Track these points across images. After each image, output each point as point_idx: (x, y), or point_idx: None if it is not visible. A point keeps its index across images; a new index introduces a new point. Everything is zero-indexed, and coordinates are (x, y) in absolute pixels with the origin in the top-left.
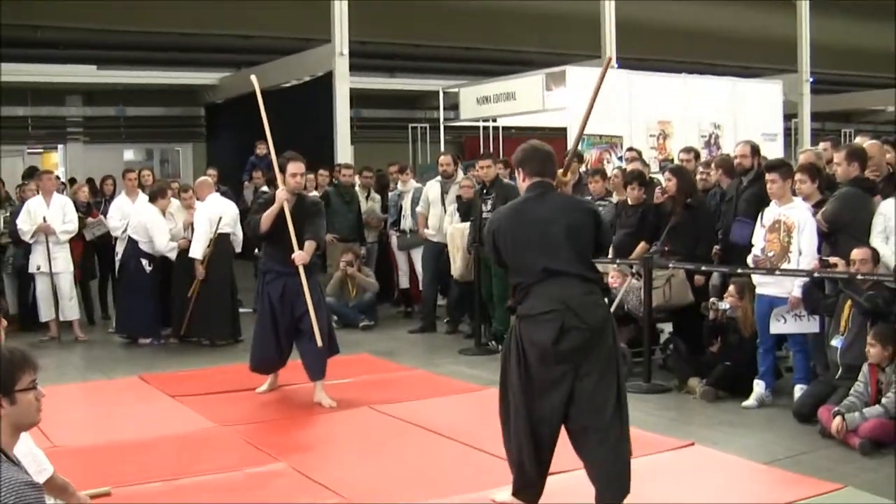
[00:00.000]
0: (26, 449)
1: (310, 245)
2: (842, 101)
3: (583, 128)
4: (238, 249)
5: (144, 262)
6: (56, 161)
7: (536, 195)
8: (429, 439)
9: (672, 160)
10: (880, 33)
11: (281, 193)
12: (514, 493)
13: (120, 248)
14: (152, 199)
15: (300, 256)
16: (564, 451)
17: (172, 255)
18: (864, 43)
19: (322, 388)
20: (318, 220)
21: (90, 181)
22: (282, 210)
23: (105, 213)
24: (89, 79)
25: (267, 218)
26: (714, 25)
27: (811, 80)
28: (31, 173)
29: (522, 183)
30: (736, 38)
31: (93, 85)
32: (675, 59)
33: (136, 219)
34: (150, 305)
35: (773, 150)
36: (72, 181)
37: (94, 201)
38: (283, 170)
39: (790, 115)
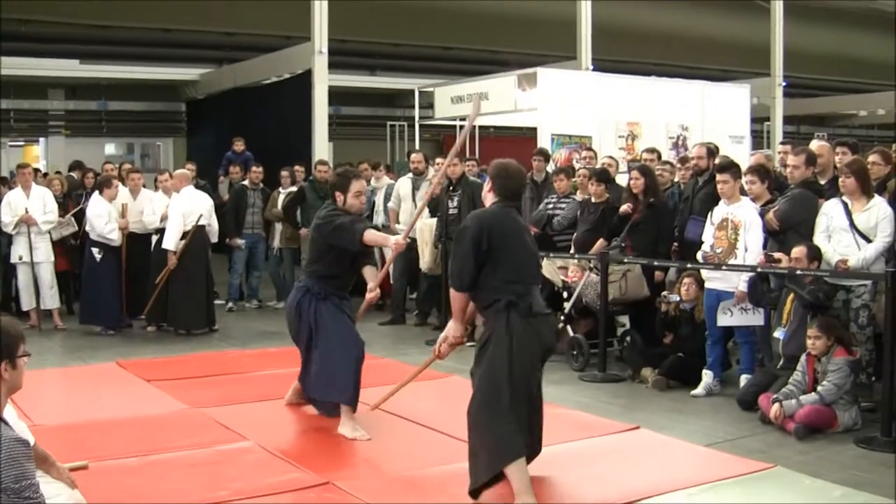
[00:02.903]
0: (12, 418)
1: (370, 271)
2: (816, 105)
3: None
4: (214, 240)
5: (94, 250)
6: (37, 154)
7: (513, 212)
8: (394, 422)
9: (639, 161)
10: (854, 39)
11: (399, 242)
12: (514, 458)
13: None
14: (99, 190)
15: (400, 244)
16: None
17: (113, 240)
18: (838, 48)
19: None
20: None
21: (79, 167)
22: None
23: (85, 206)
24: (72, 73)
25: (374, 241)
26: (689, 29)
27: (784, 83)
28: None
29: (489, 194)
30: (711, 42)
31: (75, 79)
32: (649, 61)
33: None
34: (104, 294)
35: (740, 153)
36: (58, 174)
37: (76, 193)
38: (341, 188)
39: (763, 119)
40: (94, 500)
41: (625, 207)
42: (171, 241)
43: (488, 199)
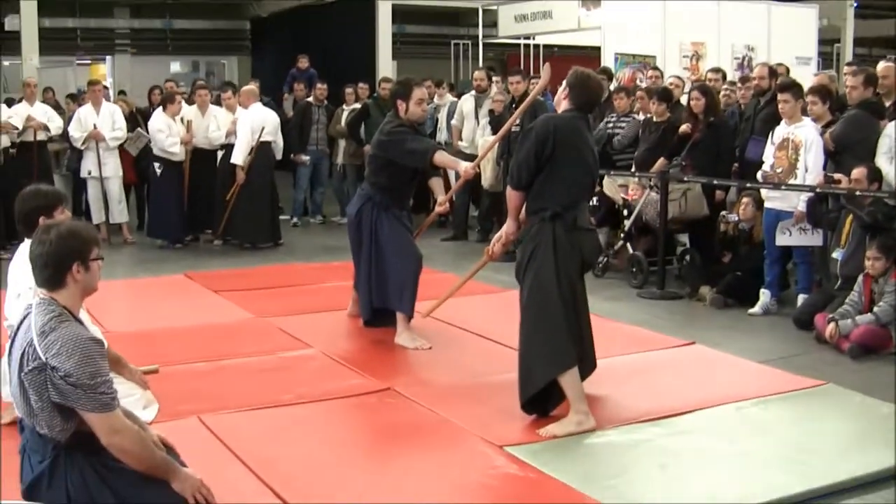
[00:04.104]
0: (86, 322)
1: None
2: (889, 27)
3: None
4: (279, 157)
5: (156, 164)
6: (104, 72)
7: (583, 123)
8: (452, 332)
9: (704, 81)
10: None
11: (469, 170)
12: (568, 367)
13: None
14: (163, 106)
15: (469, 172)
16: None
17: (175, 153)
18: None
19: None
20: None
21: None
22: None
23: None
24: None
25: (444, 163)
26: None
27: (855, 4)
28: None
29: (564, 101)
30: None
31: None
32: None
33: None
34: (166, 209)
35: (806, 74)
36: (121, 92)
37: (144, 108)
38: (403, 96)
39: (833, 41)
40: (165, 401)
41: (684, 127)
42: (240, 157)
43: (562, 105)
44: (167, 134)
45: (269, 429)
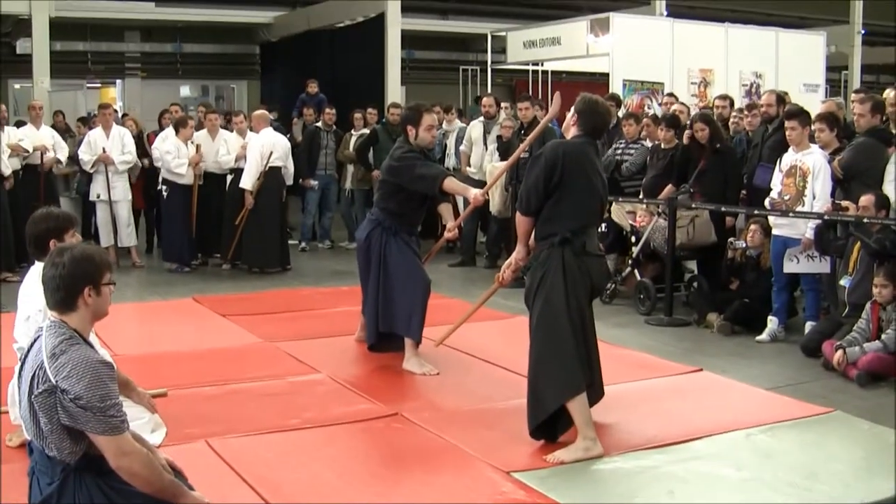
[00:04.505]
0: (95, 345)
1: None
2: None
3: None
4: (289, 182)
5: (163, 188)
6: (114, 95)
7: (592, 148)
8: (460, 358)
9: (712, 108)
10: None
11: (479, 197)
12: (577, 393)
13: None
14: (175, 129)
15: (479, 200)
16: None
17: (182, 177)
18: None
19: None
20: None
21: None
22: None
23: None
24: (148, 15)
25: (453, 189)
26: None
27: (863, 31)
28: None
29: (572, 127)
30: None
31: (151, 21)
32: (724, 7)
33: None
34: (173, 232)
35: (814, 101)
36: (124, 115)
37: (154, 132)
38: (413, 121)
39: (841, 67)
40: (173, 424)
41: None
42: (249, 181)
43: (571, 131)
44: (174, 156)
45: (277, 453)
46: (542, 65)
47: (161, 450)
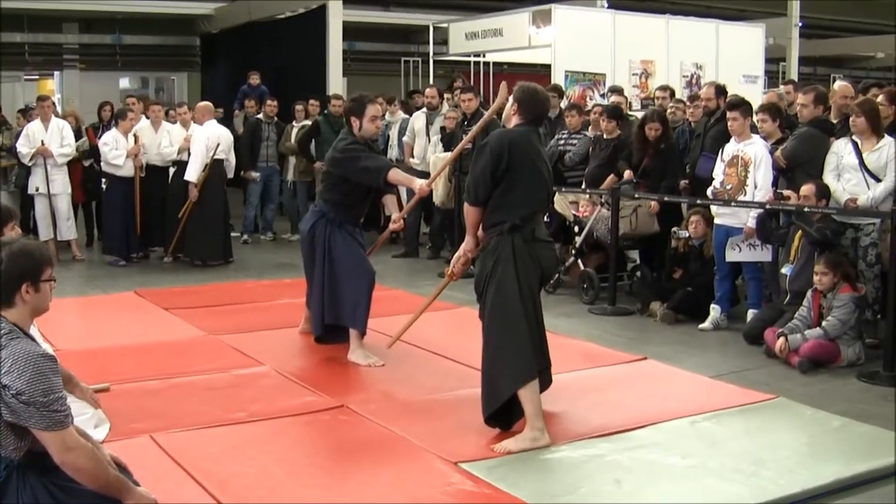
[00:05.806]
0: (37, 339)
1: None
2: (833, 46)
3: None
4: (231, 175)
5: (103, 180)
6: (52, 88)
7: (535, 136)
8: (406, 349)
9: (653, 98)
10: None
11: (424, 188)
12: (531, 379)
13: None
14: (115, 122)
15: (424, 190)
16: None
17: (120, 168)
18: None
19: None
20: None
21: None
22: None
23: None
24: (86, 6)
25: (398, 181)
26: None
27: (800, 24)
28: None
29: (513, 116)
30: None
31: (90, 12)
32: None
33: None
34: (112, 225)
35: (753, 92)
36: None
37: (93, 125)
38: (357, 112)
39: (779, 59)
40: (117, 419)
41: (628, 173)
42: (194, 174)
43: (512, 121)
44: (112, 147)
45: (223, 447)
46: (485, 56)
47: (105, 445)
